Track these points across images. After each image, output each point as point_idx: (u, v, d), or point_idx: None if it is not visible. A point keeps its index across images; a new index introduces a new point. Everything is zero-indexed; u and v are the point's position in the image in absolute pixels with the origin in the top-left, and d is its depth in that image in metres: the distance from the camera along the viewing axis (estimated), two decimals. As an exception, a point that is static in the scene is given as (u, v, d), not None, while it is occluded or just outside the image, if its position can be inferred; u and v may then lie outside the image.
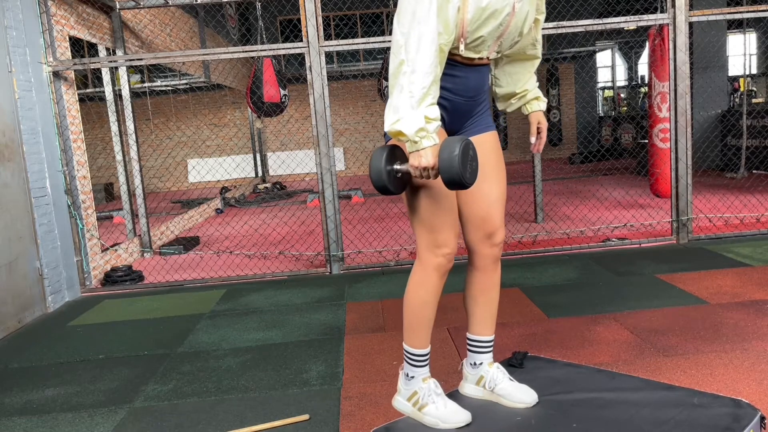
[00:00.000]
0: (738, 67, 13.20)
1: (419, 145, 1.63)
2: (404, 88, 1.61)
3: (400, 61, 1.62)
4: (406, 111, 1.61)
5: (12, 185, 4.83)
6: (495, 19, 1.69)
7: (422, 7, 1.58)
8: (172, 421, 2.97)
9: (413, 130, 1.61)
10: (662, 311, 3.91)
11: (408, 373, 1.93)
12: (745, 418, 1.76)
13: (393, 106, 1.64)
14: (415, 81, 1.60)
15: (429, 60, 1.59)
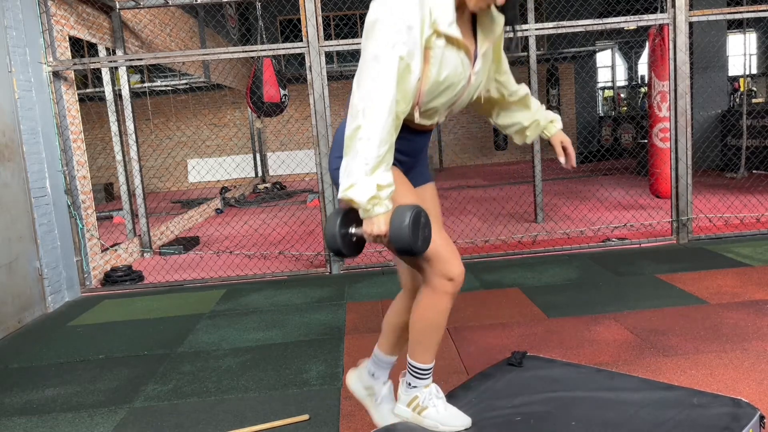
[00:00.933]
0: (738, 67, 13.20)
1: (371, 212, 1.62)
2: (359, 154, 1.60)
3: (357, 126, 1.60)
4: (359, 178, 1.60)
5: (12, 185, 4.83)
6: (451, 90, 1.71)
7: (383, 75, 1.57)
8: (172, 421, 2.97)
9: (365, 198, 1.60)
10: (662, 311, 3.91)
11: (410, 383, 1.93)
12: (744, 417, 1.76)
13: (347, 171, 1.63)
14: (370, 148, 1.58)
15: (386, 129, 1.59)
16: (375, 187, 1.60)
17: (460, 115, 16.77)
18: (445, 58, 1.64)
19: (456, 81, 1.69)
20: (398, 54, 1.57)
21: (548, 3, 15.27)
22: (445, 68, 1.65)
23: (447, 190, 11.49)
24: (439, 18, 1.59)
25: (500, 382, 2.20)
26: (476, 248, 6.04)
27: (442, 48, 1.62)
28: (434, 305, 1.86)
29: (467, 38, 1.70)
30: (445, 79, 1.66)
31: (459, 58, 1.67)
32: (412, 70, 1.60)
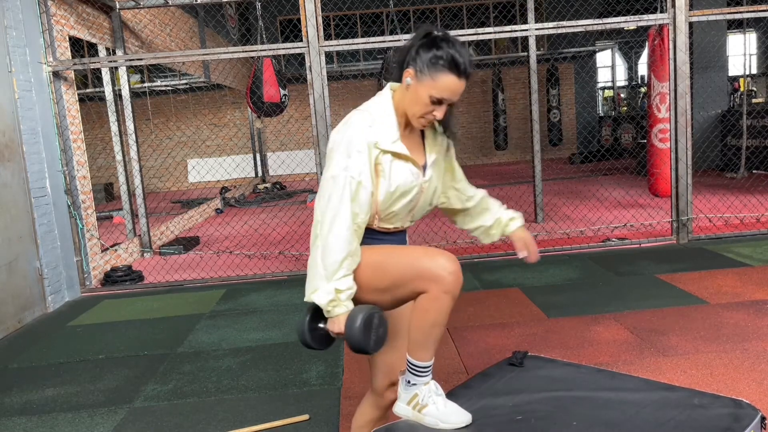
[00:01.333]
0: (738, 67, 13.19)
1: (332, 313, 1.80)
2: (318, 262, 1.79)
3: (316, 235, 1.82)
4: (319, 283, 1.79)
5: (12, 185, 4.83)
6: (404, 197, 1.87)
7: (336, 194, 1.78)
8: (172, 421, 2.97)
9: (325, 302, 1.78)
10: (662, 311, 3.91)
11: (410, 380, 1.93)
12: (745, 418, 1.76)
13: (309, 276, 1.82)
14: (327, 257, 1.77)
15: (341, 241, 1.78)
16: (333, 292, 1.78)
17: (460, 115, 16.77)
18: (393, 171, 1.83)
19: (408, 189, 1.86)
20: (350, 174, 1.78)
21: (548, 3, 15.27)
22: (395, 179, 1.83)
23: (447, 190, 11.47)
24: (381, 140, 1.81)
25: (501, 381, 2.19)
26: (476, 248, 6.04)
27: (390, 162, 1.82)
28: (434, 307, 1.88)
29: (415, 152, 1.90)
30: (396, 189, 1.84)
31: (408, 169, 1.85)
32: (365, 186, 1.79)
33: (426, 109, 1.80)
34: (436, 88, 1.76)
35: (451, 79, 1.75)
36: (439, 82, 1.75)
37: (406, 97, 1.83)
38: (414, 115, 1.83)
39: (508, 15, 15.37)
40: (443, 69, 1.75)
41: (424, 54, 1.77)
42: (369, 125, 1.82)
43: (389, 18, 10.52)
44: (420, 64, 1.77)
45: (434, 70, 1.75)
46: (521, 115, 16.30)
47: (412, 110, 1.82)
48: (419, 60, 1.77)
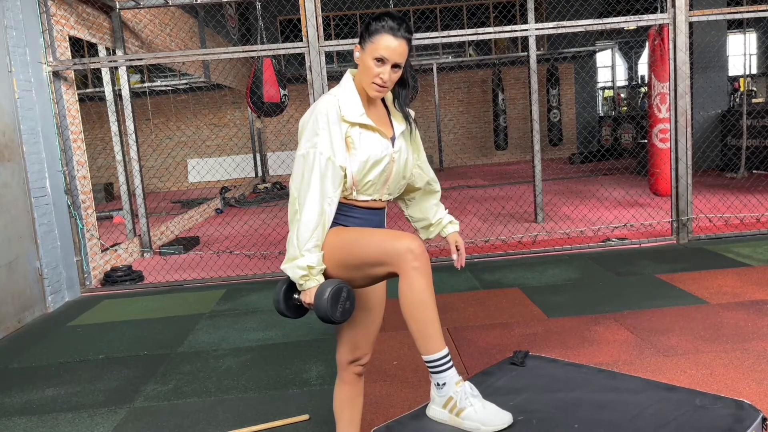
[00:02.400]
0: (738, 67, 13.19)
1: (304, 286, 1.93)
2: (294, 237, 1.92)
3: (294, 210, 1.94)
4: (293, 255, 1.92)
5: (12, 185, 4.83)
6: (377, 167, 1.99)
7: (307, 170, 1.93)
8: (172, 421, 2.97)
9: (298, 276, 1.92)
10: (662, 311, 3.91)
11: (438, 382, 1.90)
12: (747, 419, 1.76)
13: (288, 248, 1.95)
14: (304, 232, 1.91)
15: (314, 213, 1.91)
16: (306, 268, 1.91)
17: (460, 115, 16.78)
18: (363, 142, 1.96)
19: (379, 159, 1.98)
20: (318, 151, 1.92)
21: (548, 3, 15.27)
22: (365, 150, 1.96)
23: (447, 190, 11.48)
24: (347, 114, 1.96)
25: (502, 380, 2.19)
26: (476, 248, 6.04)
27: (359, 134, 1.96)
28: (409, 286, 1.88)
29: (382, 125, 2.04)
30: (368, 159, 1.96)
31: (377, 140, 1.99)
32: (333, 161, 1.92)
33: (373, 72, 1.95)
34: (376, 49, 1.93)
35: (387, 38, 1.92)
36: (378, 44, 1.93)
37: (359, 72, 2.01)
38: (367, 83, 1.98)
39: (508, 15, 15.37)
40: (379, 32, 1.94)
41: (366, 31, 1.98)
42: (334, 104, 1.96)
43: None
44: (364, 38, 1.97)
45: (373, 36, 1.94)
46: (521, 115, 16.30)
47: (365, 80, 1.98)
48: (364, 35, 1.98)
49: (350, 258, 1.97)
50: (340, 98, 1.99)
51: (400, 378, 3.22)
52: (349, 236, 1.99)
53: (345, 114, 1.96)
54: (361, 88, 2.01)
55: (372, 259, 1.92)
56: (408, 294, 1.86)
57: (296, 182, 1.95)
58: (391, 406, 2.89)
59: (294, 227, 1.93)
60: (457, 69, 16.40)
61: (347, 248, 1.97)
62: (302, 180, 1.94)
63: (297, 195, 1.95)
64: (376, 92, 1.99)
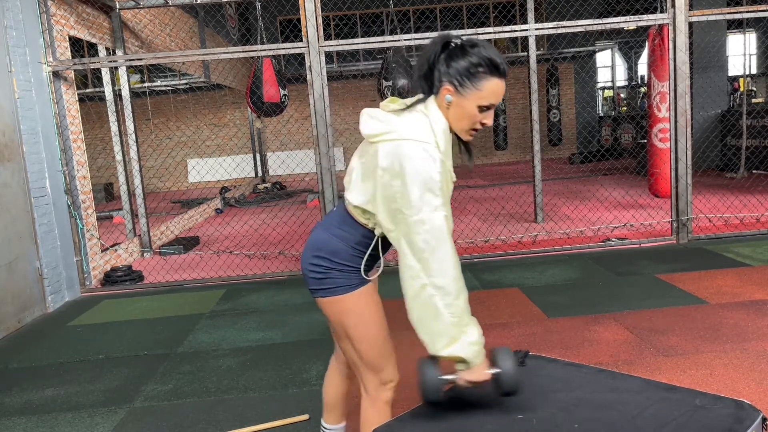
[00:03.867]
0: (738, 67, 13.19)
1: (474, 362, 1.67)
2: (440, 310, 1.63)
3: (422, 284, 1.64)
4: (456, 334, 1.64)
5: (12, 185, 4.83)
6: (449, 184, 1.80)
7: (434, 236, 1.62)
8: (172, 421, 2.97)
9: (472, 353, 1.65)
10: (662, 311, 3.91)
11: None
12: (746, 419, 1.76)
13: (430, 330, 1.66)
14: (451, 303, 1.63)
15: (458, 280, 1.64)
16: (477, 341, 1.66)
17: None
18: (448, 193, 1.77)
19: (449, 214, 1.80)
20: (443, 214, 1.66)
21: (548, 3, 15.27)
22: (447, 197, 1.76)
23: (447, 190, 11.47)
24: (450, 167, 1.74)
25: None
26: (476, 248, 6.04)
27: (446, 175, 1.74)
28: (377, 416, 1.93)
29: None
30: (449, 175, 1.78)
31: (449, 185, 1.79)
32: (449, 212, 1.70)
33: (475, 119, 1.73)
34: (483, 96, 1.69)
35: (494, 82, 1.68)
36: (485, 90, 1.68)
37: (449, 115, 1.74)
38: (463, 129, 1.76)
39: (508, 15, 15.37)
40: (485, 75, 1.67)
41: (455, 65, 1.68)
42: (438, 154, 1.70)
43: (389, 18, 10.51)
44: (457, 77, 1.68)
45: (476, 79, 1.68)
46: (521, 115, 16.29)
47: (460, 125, 1.75)
48: (453, 73, 1.69)
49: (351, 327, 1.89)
50: (439, 140, 1.71)
51: (399, 378, 3.22)
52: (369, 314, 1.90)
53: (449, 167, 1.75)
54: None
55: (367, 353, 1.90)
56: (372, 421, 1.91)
57: (417, 251, 1.64)
58: (391, 406, 2.89)
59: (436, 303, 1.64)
60: (457, 69, 16.37)
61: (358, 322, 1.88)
62: (426, 248, 1.63)
63: (421, 266, 1.64)
64: (470, 138, 1.81)
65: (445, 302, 1.63)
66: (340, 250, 1.87)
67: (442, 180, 1.67)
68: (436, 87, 1.73)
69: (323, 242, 1.91)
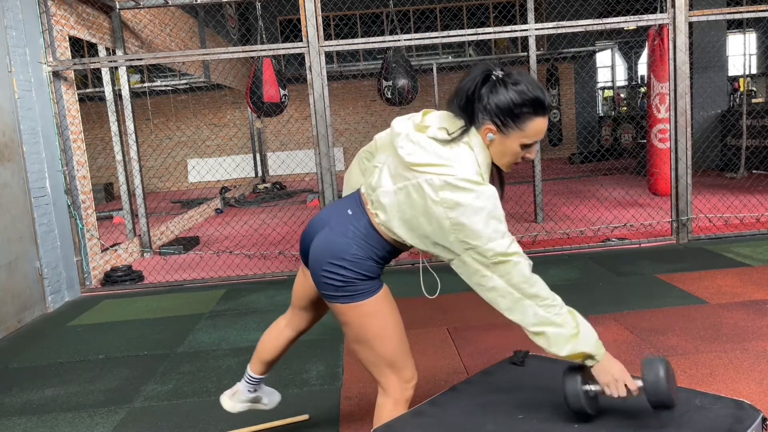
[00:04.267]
0: (738, 67, 13.19)
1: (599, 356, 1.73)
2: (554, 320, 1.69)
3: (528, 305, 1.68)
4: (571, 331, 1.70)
5: (12, 185, 4.83)
6: None
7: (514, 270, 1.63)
8: (172, 421, 2.97)
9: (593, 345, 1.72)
10: (662, 311, 3.91)
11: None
12: (746, 419, 1.76)
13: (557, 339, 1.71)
14: (557, 312, 1.68)
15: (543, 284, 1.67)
16: (590, 328, 1.72)
17: (460, 115, 16.77)
18: None
19: None
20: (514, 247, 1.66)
21: (548, 3, 15.27)
22: None
23: (447, 190, 11.46)
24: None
25: (503, 379, 2.19)
26: (476, 248, 6.03)
27: None
28: (393, 409, 1.95)
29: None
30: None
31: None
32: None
33: (517, 156, 1.74)
34: (528, 136, 1.68)
35: (539, 122, 1.67)
36: (529, 130, 1.68)
37: (491, 149, 1.73)
38: (507, 164, 1.77)
39: (508, 15, 15.37)
40: (529, 115, 1.66)
41: (498, 103, 1.66)
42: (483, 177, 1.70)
43: (389, 18, 10.52)
44: (501, 117, 1.67)
45: (521, 120, 1.66)
46: (521, 115, 16.28)
47: (504, 161, 1.75)
48: (496, 111, 1.67)
49: (376, 330, 1.88)
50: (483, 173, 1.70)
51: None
52: (388, 317, 1.88)
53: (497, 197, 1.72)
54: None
55: (391, 353, 1.90)
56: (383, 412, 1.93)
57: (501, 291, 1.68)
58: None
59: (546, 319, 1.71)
60: (457, 69, 16.39)
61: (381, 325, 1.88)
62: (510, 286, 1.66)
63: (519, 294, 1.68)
64: (510, 169, 1.81)
65: (553, 312, 1.68)
66: (364, 260, 1.83)
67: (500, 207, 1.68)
68: (477, 122, 1.70)
69: (343, 251, 1.83)
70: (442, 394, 2.27)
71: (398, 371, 1.94)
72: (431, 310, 4.29)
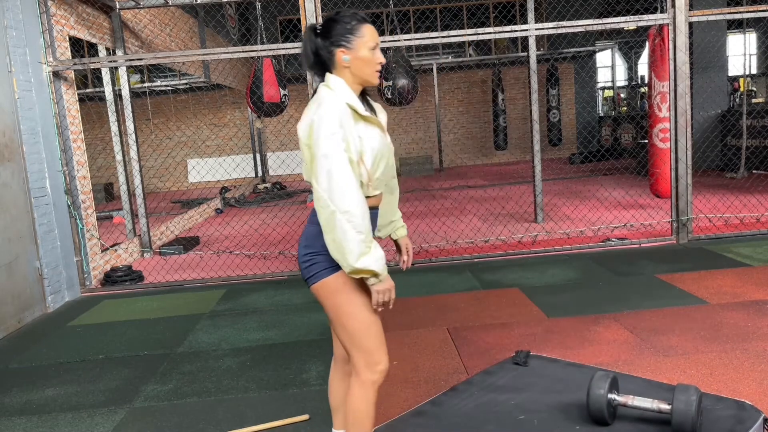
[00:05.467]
0: (738, 67, 13.19)
1: (383, 275, 1.90)
2: (348, 231, 1.85)
3: (330, 211, 1.87)
4: (362, 250, 1.86)
5: (12, 185, 4.83)
6: (385, 160, 2.06)
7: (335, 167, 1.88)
8: (172, 421, 2.97)
9: (381, 266, 1.88)
10: (662, 311, 3.91)
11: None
12: (748, 420, 1.76)
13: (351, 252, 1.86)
14: (356, 221, 1.86)
15: (360, 205, 1.87)
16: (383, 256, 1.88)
17: (460, 115, 16.78)
18: (370, 137, 1.99)
19: (383, 152, 2.04)
20: (343, 147, 1.90)
21: (548, 3, 15.27)
22: (374, 144, 2.00)
23: (447, 190, 11.48)
24: (357, 107, 1.97)
25: (504, 379, 2.20)
26: (476, 248, 6.04)
27: (365, 129, 1.99)
28: (364, 396, 2.06)
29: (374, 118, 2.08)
30: (377, 153, 2.00)
31: (378, 134, 2.03)
32: (352, 156, 1.92)
33: (373, 60, 2.02)
34: (368, 41, 2.01)
35: (368, 26, 2.01)
36: (366, 34, 2.00)
37: (353, 70, 2.02)
38: (369, 73, 2.03)
39: (508, 15, 15.36)
40: (359, 26, 2.00)
41: (335, 33, 2.01)
42: (341, 101, 1.96)
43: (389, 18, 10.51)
44: (342, 37, 2.00)
45: (356, 30, 2.00)
46: (521, 115, 16.29)
47: (367, 71, 2.03)
48: (337, 37, 2.00)
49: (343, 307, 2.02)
50: (343, 96, 1.99)
51: (400, 378, 3.22)
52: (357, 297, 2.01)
53: (356, 108, 1.97)
54: (351, 87, 2.04)
55: (358, 331, 2.02)
56: (359, 403, 2.05)
57: (323, 183, 1.89)
58: (392, 406, 2.89)
59: (344, 226, 1.86)
60: (457, 69, 16.40)
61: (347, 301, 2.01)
62: (330, 178, 1.88)
63: (328, 195, 1.88)
64: (378, 78, 2.07)
65: (354, 222, 1.86)
66: (318, 234, 1.99)
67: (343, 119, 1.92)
68: (329, 61, 2.03)
69: (306, 232, 2.07)
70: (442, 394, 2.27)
71: (366, 352, 2.04)
72: (431, 310, 4.29)
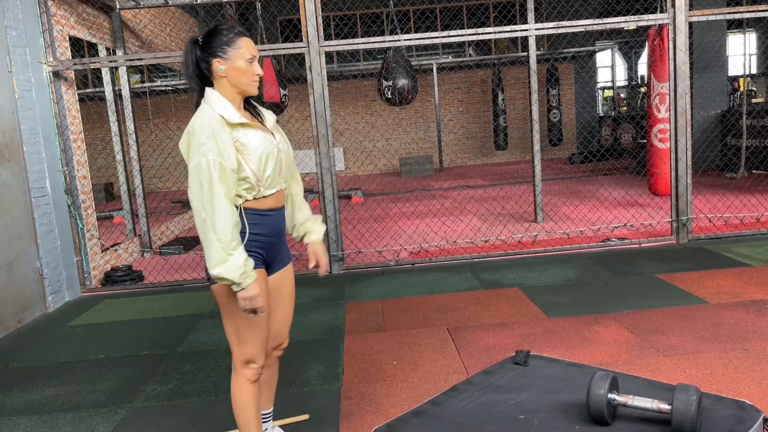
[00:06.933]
0: (738, 67, 13.20)
1: (243, 284, 2.01)
2: (212, 240, 2.00)
3: (203, 219, 2.01)
4: (220, 256, 1.99)
5: (12, 185, 4.83)
6: (271, 159, 2.15)
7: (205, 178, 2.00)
8: (172, 421, 2.97)
9: (237, 275, 1.99)
10: (662, 311, 3.91)
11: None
12: (748, 420, 1.76)
13: (211, 258, 2.01)
14: (219, 233, 1.99)
15: (226, 214, 2.00)
16: (243, 264, 2.00)
17: (460, 115, 16.79)
18: (251, 140, 2.11)
19: (269, 151, 2.15)
20: (210, 158, 2.00)
21: (548, 3, 15.27)
22: (256, 146, 2.11)
23: (447, 190, 11.48)
24: (229, 117, 2.07)
25: (504, 379, 2.20)
26: (476, 248, 6.04)
27: (245, 135, 2.10)
28: (240, 390, 2.24)
29: (256, 122, 2.22)
30: (261, 154, 2.11)
31: (261, 136, 2.15)
32: (226, 164, 2.02)
33: (249, 71, 2.13)
34: (244, 53, 2.12)
35: (245, 39, 2.12)
36: (242, 47, 2.12)
37: (230, 80, 2.13)
38: (246, 84, 2.14)
39: (508, 15, 15.36)
40: (236, 38, 2.12)
41: (213, 45, 2.11)
42: (213, 113, 2.07)
43: (389, 18, 10.51)
44: (219, 48, 2.11)
45: (232, 44, 2.11)
46: (521, 115, 16.29)
47: (243, 81, 2.14)
48: (214, 48, 2.11)
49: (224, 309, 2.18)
50: (216, 107, 2.09)
51: (400, 378, 3.22)
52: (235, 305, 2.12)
53: (228, 118, 2.06)
54: (230, 96, 2.14)
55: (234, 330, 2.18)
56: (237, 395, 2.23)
57: (196, 193, 2.02)
58: (391, 406, 2.89)
59: (209, 234, 2.00)
60: (457, 69, 16.40)
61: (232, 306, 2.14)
62: (202, 189, 2.00)
63: (201, 205, 2.01)
64: (255, 88, 2.17)
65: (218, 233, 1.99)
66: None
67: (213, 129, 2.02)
68: (208, 71, 2.13)
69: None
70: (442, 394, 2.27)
71: (241, 345, 2.19)
72: (431, 310, 4.30)
